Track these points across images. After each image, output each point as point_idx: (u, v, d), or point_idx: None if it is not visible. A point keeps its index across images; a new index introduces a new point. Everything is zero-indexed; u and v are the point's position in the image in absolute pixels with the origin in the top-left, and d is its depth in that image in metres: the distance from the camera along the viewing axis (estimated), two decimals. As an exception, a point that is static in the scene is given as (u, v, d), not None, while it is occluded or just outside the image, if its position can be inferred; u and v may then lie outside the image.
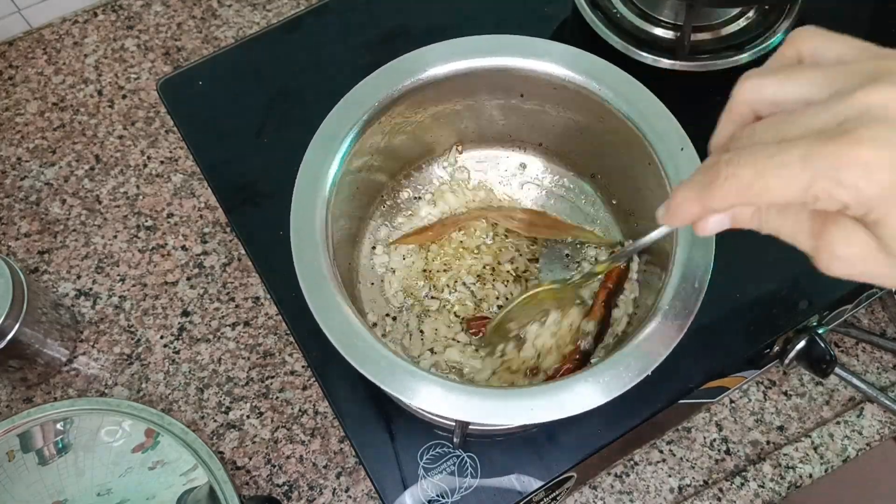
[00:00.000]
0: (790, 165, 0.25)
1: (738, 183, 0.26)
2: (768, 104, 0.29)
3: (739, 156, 0.26)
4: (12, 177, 0.77)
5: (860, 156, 0.24)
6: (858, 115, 0.25)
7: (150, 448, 0.56)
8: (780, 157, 0.25)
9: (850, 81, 0.26)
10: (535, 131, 0.58)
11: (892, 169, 0.24)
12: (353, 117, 0.50)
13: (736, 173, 0.26)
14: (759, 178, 0.26)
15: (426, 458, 0.52)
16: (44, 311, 0.65)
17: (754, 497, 0.66)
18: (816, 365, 0.60)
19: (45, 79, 0.82)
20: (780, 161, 0.25)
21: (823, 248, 0.27)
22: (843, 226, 0.26)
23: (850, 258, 0.26)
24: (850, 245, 0.26)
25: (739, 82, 0.29)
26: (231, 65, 0.66)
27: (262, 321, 0.71)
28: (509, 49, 0.52)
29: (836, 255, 0.27)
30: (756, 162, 0.26)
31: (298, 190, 0.48)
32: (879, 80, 0.25)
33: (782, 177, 0.25)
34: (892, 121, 0.24)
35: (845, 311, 0.63)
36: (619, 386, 0.42)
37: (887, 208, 0.24)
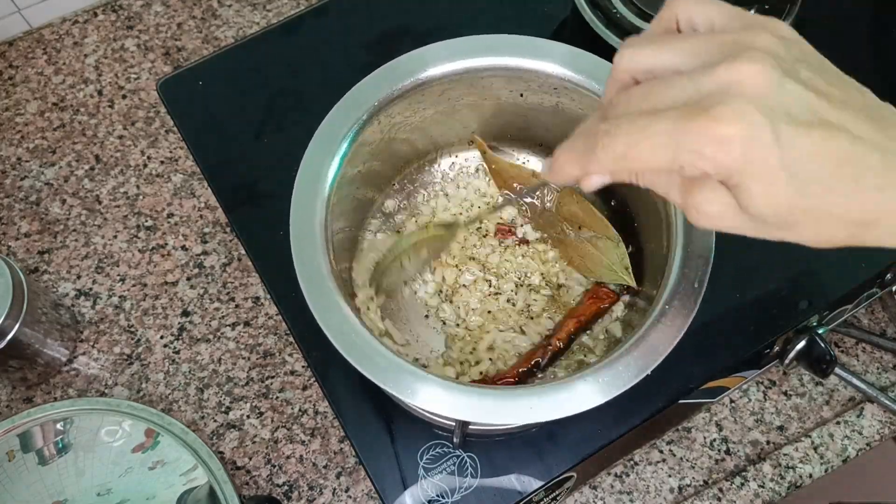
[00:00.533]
0: (657, 139, 0.28)
1: (613, 152, 0.29)
2: (644, 72, 0.31)
3: (616, 126, 0.29)
4: (12, 177, 0.77)
5: (717, 132, 0.26)
6: (718, 90, 0.27)
7: (150, 448, 0.56)
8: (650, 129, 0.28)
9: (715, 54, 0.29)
10: (535, 131, 0.58)
11: (744, 142, 0.26)
12: (352, 117, 0.50)
13: (611, 143, 0.29)
14: (631, 148, 0.28)
15: (426, 458, 0.52)
16: (44, 311, 0.65)
17: (754, 497, 0.66)
18: (816, 365, 0.60)
19: (45, 79, 0.83)
20: (650, 133, 0.28)
21: (691, 205, 0.30)
22: (708, 186, 0.29)
23: (714, 214, 0.29)
24: (713, 203, 0.29)
25: (619, 51, 0.32)
26: (231, 65, 0.66)
27: (262, 321, 0.71)
28: (509, 49, 0.52)
29: (702, 212, 0.30)
30: (629, 134, 0.28)
31: (298, 190, 0.48)
32: (740, 55, 0.28)
33: (652, 148, 0.28)
34: (747, 97, 0.27)
35: (845, 311, 0.63)
36: (619, 385, 0.42)
37: (743, 176, 0.27)
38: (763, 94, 0.27)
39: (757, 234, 0.30)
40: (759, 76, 0.27)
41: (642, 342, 0.43)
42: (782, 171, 0.27)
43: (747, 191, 0.28)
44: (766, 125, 0.26)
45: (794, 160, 0.27)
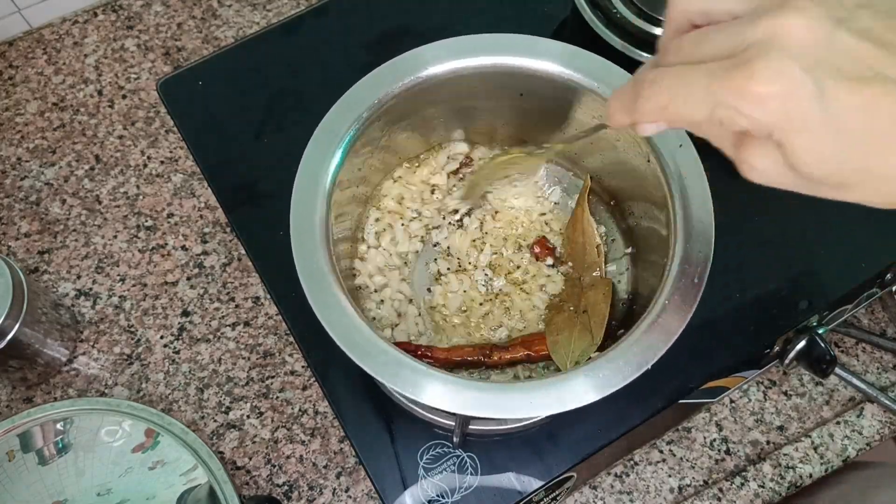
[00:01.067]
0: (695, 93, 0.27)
1: (655, 103, 0.29)
2: (700, 14, 0.30)
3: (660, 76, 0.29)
4: (12, 177, 0.77)
5: (754, 88, 0.25)
6: (760, 42, 0.26)
7: (150, 448, 0.56)
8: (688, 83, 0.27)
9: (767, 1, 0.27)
10: (535, 131, 0.58)
11: (784, 99, 0.25)
12: (352, 116, 0.50)
13: (654, 94, 0.29)
14: (671, 102, 0.28)
15: (426, 457, 0.52)
16: (44, 311, 0.65)
17: (754, 497, 0.66)
18: (816, 365, 0.60)
19: (45, 79, 0.83)
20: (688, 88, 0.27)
21: (743, 160, 0.29)
22: (757, 141, 0.28)
23: (763, 170, 0.28)
24: (763, 158, 0.28)
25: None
26: (231, 65, 0.66)
27: (262, 321, 0.71)
28: (509, 49, 0.52)
29: (752, 167, 0.29)
30: (670, 85, 0.28)
31: (298, 189, 0.48)
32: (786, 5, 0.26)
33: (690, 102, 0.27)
34: (789, 50, 0.25)
35: (845, 311, 0.63)
36: (619, 380, 0.42)
37: (784, 133, 0.26)
38: (807, 46, 0.25)
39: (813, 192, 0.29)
40: (804, 27, 0.26)
41: (642, 338, 0.43)
42: (826, 129, 0.26)
43: (791, 148, 0.26)
44: (806, 80, 0.25)
45: (841, 118, 0.25)
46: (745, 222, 0.59)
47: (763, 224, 0.59)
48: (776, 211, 0.60)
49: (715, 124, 0.27)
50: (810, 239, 0.59)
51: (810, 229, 0.59)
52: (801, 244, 0.59)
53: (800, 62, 0.25)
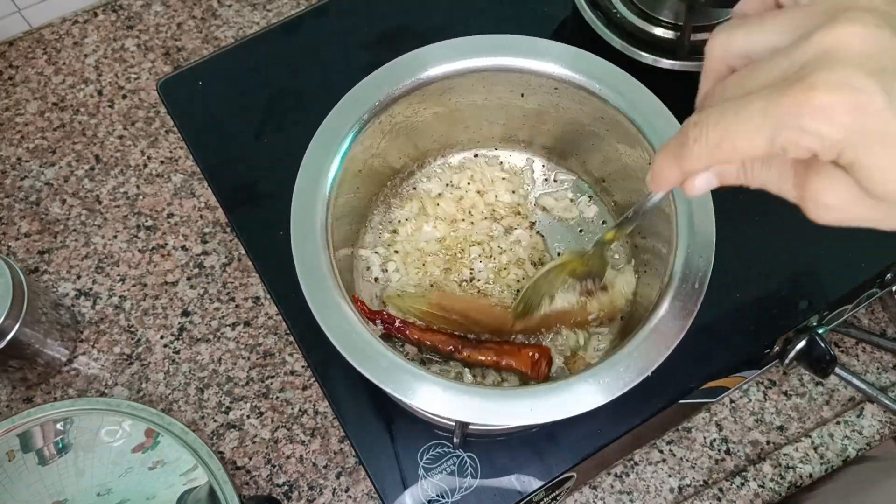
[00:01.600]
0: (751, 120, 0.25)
1: (707, 144, 0.26)
2: (740, 57, 0.29)
3: (707, 116, 0.26)
4: (12, 177, 0.77)
5: (818, 101, 0.23)
6: (816, 58, 0.24)
7: (150, 448, 0.56)
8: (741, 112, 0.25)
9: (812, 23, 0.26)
10: (535, 131, 0.58)
11: (853, 110, 0.23)
12: (353, 117, 0.50)
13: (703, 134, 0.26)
14: (725, 137, 0.26)
15: (426, 458, 0.52)
16: (44, 311, 0.65)
17: (754, 497, 0.66)
18: (816, 365, 0.60)
19: (45, 79, 0.82)
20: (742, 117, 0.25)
21: (809, 198, 0.27)
22: (824, 172, 0.26)
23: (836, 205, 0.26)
24: (834, 191, 0.26)
25: (710, 39, 0.29)
26: (231, 65, 0.66)
27: (262, 321, 0.71)
28: (509, 49, 0.52)
29: (823, 204, 0.26)
30: (720, 121, 0.26)
31: (298, 190, 0.48)
32: (836, 18, 0.25)
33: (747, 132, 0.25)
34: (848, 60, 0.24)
35: (845, 311, 0.63)
36: (620, 386, 0.42)
37: (857, 150, 0.24)
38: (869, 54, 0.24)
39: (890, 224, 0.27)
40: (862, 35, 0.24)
41: (643, 343, 0.43)
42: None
43: (865, 167, 0.24)
44: (875, 88, 0.23)
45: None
46: (745, 223, 0.59)
47: (763, 224, 0.59)
48: (776, 211, 0.60)
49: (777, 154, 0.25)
50: (810, 239, 0.59)
51: (810, 229, 0.59)
52: (801, 244, 0.59)
53: (864, 70, 0.23)
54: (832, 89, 0.23)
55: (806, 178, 0.26)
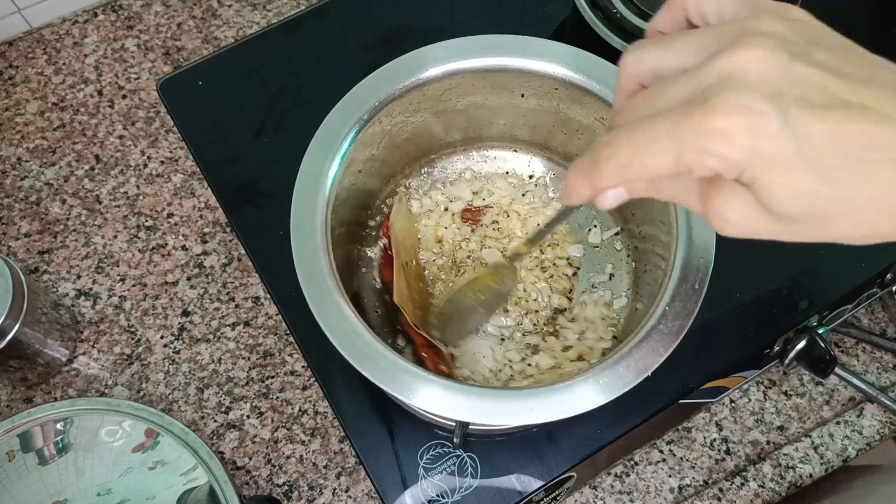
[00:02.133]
0: (658, 140, 0.26)
1: (617, 162, 0.27)
2: (650, 75, 0.29)
3: (617, 136, 0.27)
4: (12, 177, 0.77)
5: (718, 124, 0.24)
6: (718, 81, 0.25)
7: (150, 448, 0.56)
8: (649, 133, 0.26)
9: (716, 45, 0.27)
10: (536, 131, 0.58)
11: (750, 132, 0.24)
12: (353, 117, 0.50)
13: (614, 154, 0.27)
14: (635, 156, 0.26)
15: (426, 458, 0.52)
16: (44, 311, 0.65)
17: (754, 497, 0.66)
18: (816, 365, 0.60)
19: (45, 79, 0.82)
20: (650, 137, 0.26)
21: (713, 213, 0.28)
22: (726, 189, 0.27)
23: (737, 219, 0.27)
24: (734, 206, 0.27)
25: (623, 55, 0.30)
26: (231, 65, 0.66)
27: (262, 321, 0.71)
28: (509, 49, 0.52)
29: (725, 218, 0.27)
30: (629, 140, 0.27)
31: (298, 190, 0.48)
32: (741, 41, 0.26)
33: (654, 152, 0.26)
34: (748, 84, 0.25)
35: (845, 311, 0.63)
36: (619, 387, 0.42)
37: (756, 170, 0.25)
38: (767, 78, 0.25)
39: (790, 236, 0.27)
40: (761, 61, 0.25)
41: (643, 344, 0.43)
42: (800, 160, 0.25)
43: (765, 185, 0.25)
44: (772, 111, 0.24)
45: (813, 147, 0.24)
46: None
47: (763, 224, 0.59)
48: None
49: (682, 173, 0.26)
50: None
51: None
52: (801, 244, 0.59)
53: (761, 93, 0.24)
54: (731, 112, 0.24)
55: (709, 194, 0.27)
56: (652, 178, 0.28)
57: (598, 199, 0.30)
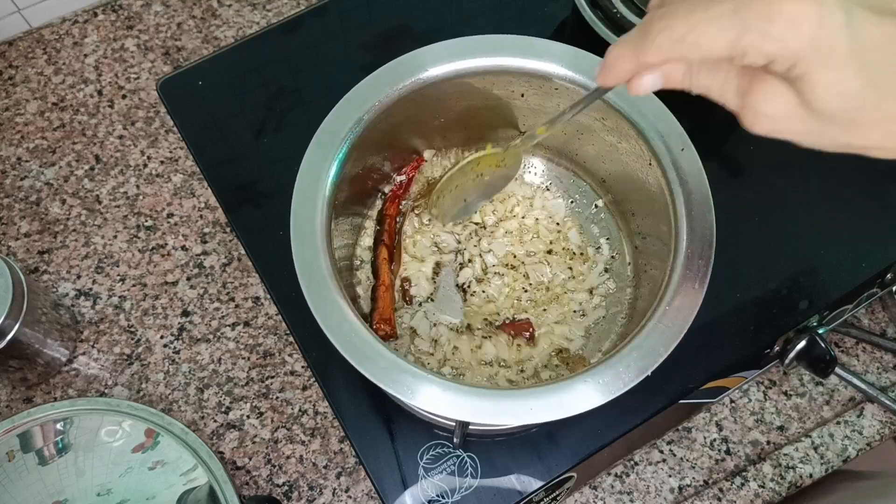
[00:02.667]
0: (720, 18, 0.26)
1: (671, 36, 0.27)
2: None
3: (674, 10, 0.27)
4: (12, 177, 0.77)
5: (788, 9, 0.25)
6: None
7: (150, 448, 0.56)
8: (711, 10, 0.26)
9: None
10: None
11: (816, 23, 0.25)
12: (353, 117, 0.50)
13: (669, 26, 0.27)
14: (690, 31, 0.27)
15: (426, 458, 0.52)
16: (44, 311, 0.65)
17: (754, 497, 0.66)
18: (817, 365, 0.60)
19: (45, 79, 0.82)
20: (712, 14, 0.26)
21: (749, 106, 0.28)
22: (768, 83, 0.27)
23: (773, 115, 0.28)
24: (774, 102, 0.27)
25: None
26: (231, 65, 0.66)
27: (262, 321, 0.71)
28: (509, 49, 0.52)
29: (761, 112, 0.28)
30: (688, 15, 0.27)
31: (298, 190, 0.48)
32: None
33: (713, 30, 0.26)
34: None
35: (845, 311, 0.63)
36: (619, 386, 0.42)
37: (810, 63, 0.25)
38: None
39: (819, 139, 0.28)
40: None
41: (643, 343, 0.43)
42: (852, 59, 0.25)
43: (814, 80, 0.26)
44: (838, 6, 0.25)
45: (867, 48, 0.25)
46: (745, 223, 0.59)
47: (763, 224, 0.59)
48: (776, 211, 0.60)
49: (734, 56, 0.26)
50: (810, 239, 0.59)
51: (810, 229, 0.59)
52: (801, 244, 0.59)
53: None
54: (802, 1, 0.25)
55: (749, 87, 0.28)
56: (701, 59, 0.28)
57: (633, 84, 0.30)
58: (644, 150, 0.50)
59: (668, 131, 0.49)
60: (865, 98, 0.26)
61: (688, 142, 0.48)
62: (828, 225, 0.59)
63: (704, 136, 0.50)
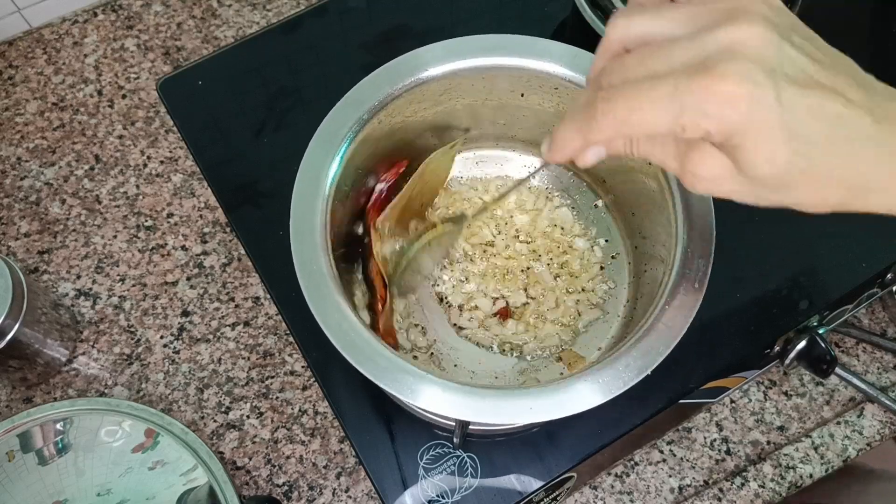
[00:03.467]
0: (661, 99, 0.28)
1: (614, 117, 0.29)
2: (637, 40, 0.32)
3: (615, 92, 0.29)
4: (12, 177, 0.77)
5: (723, 89, 0.27)
6: (720, 51, 0.28)
7: (150, 448, 0.56)
8: (652, 92, 0.28)
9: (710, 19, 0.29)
10: (536, 131, 0.58)
11: (750, 100, 0.27)
12: (352, 117, 0.50)
13: (612, 109, 0.29)
14: (632, 112, 0.29)
15: (426, 458, 0.52)
16: (44, 311, 0.65)
17: (755, 497, 0.66)
18: (817, 365, 0.60)
19: (45, 79, 0.82)
20: (652, 96, 0.28)
21: (688, 170, 0.31)
22: (704, 150, 0.29)
23: (710, 178, 0.30)
24: (709, 166, 0.30)
25: (611, 21, 0.33)
26: (231, 65, 0.66)
27: (262, 321, 0.71)
28: (509, 49, 0.52)
29: (699, 175, 0.30)
30: (630, 97, 0.29)
31: (298, 190, 0.48)
32: (737, 18, 0.28)
33: (654, 110, 0.28)
34: (750, 57, 0.27)
35: (846, 311, 0.63)
36: (619, 385, 0.42)
37: (745, 136, 0.28)
38: (764, 54, 0.27)
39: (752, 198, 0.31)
40: (759, 37, 0.28)
41: (643, 342, 0.43)
42: (782, 131, 0.27)
43: (747, 150, 0.28)
44: (769, 84, 0.27)
45: (794, 120, 0.27)
46: (745, 222, 0.59)
47: (763, 224, 0.59)
48: (776, 211, 0.60)
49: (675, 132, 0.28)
50: (810, 239, 0.59)
51: (810, 229, 0.59)
52: (801, 244, 0.59)
53: (760, 66, 0.27)
54: (738, 80, 0.27)
55: (686, 153, 0.30)
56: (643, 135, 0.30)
57: (580, 157, 0.33)
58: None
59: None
60: (794, 164, 0.28)
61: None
62: (828, 225, 0.59)
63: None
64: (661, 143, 0.31)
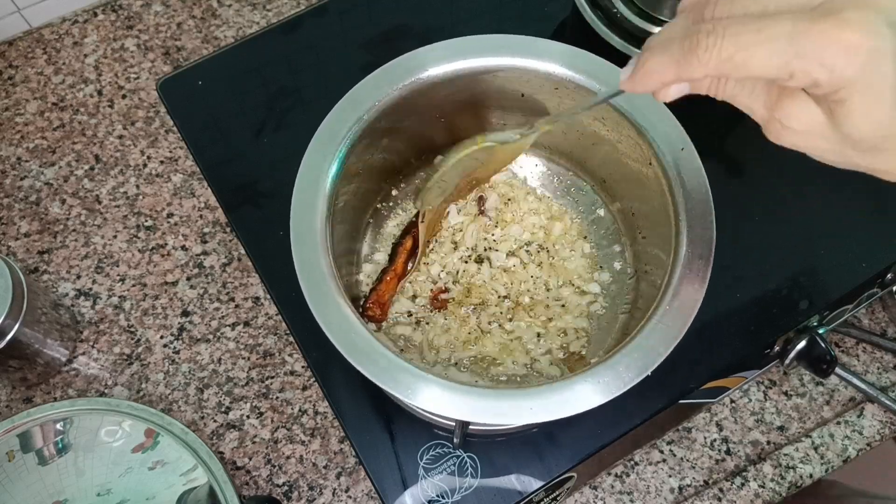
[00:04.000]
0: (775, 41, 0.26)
1: (718, 55, 0.27)
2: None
3: (724, 27, 0.27)
4: (12, 177, 0.77)
5: (845, 37, 0.25)
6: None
7: (150, 448, 0.56)
8: (766, 31, 0.26)
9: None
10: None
11: (870, 53, 0.25)
12: (352, 117, 0.50)
13: (718, 44, 0.27)
14: (741, 52, 0.26)
15: (426, 458, 0.52)
16: (44, 311, 0.65)
17: (755, 497, 0.66)
18: (817, 365, 0.60)
19: (44, 79, 0.82)
20: (766, 36, 0.26)
21: (776, 119, 0.28)
22: (798, 99, 0.27)
23: (800, 131, 0.28)
24: (801, 118, 0.28)
25: None
26: (231, 65, 0.66)
27: (262, 321, 0.71)
28: (509, 49, 0.52)
29: (788, 127, 0.28)
30: (740, 34, 0.26)
31: (298, 190, 0.48)
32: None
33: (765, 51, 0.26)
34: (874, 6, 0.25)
35: (846, 311, 0.63)
36: (619, 386, 0.42)
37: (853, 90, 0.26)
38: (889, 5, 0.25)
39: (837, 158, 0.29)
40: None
41: (643, 343, 0.43)
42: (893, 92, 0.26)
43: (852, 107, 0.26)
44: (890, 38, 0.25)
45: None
46: (745, 222, 0.59)
47: (763, 224, 0.59)
48: (776, 211, 0.60)
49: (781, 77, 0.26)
50: (810, 239, 0.59)
51: (810, 229, 0.59)
52: (801, 244, 0.59)
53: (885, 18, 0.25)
54: (861, 29, 0.25)
55: (778, 101, 0.28)
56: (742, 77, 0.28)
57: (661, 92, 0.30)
58: (644, 150, 0.50)
59: (668, 131, 0.49)
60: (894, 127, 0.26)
61: (688, 142, 0.48)
62: (828, 225, 0.59)
63: (704, 136, 0.50)
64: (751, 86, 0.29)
